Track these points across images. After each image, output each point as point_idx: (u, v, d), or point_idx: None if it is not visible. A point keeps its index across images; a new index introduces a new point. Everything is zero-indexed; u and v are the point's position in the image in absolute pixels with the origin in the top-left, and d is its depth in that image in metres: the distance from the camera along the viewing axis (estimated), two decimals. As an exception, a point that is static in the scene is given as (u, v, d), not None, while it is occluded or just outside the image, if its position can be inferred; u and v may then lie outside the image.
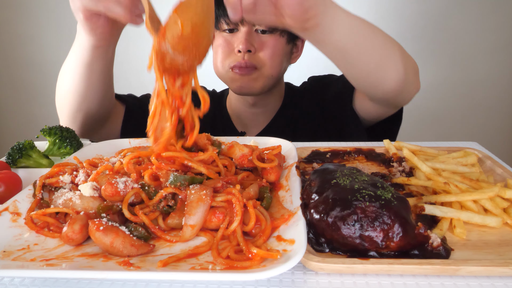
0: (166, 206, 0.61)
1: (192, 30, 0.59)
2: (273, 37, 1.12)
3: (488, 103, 2.52)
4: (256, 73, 1.13)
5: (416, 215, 0.63)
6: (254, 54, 1.12)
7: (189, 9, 0.58)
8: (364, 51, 0.84)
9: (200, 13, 0.60)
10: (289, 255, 0.49)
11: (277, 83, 1.22)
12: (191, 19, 0.59)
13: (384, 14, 2.36)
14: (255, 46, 1.11)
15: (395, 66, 0.87)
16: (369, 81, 0.92)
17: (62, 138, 0.90)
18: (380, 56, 0.86)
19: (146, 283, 0.52)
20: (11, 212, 0.62)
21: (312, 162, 0.86)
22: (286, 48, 1.17)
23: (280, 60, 1.16)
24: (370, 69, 0.88)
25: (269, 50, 1.12)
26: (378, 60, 0.86)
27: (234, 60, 1.12)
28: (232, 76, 1.14)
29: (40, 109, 2.82)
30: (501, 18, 2.32)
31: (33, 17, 2.58)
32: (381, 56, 0.86)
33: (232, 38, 1.13)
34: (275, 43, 1.13)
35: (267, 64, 1.13)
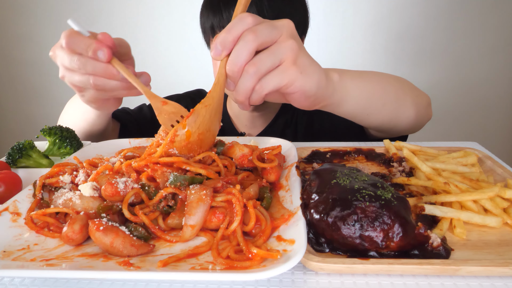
0: (166, 206, 0.61)
1: (198, 137, 0.65)
2: None
3: (488, 103, 2.52)
4: None
5: (416, 215, 0.63)
6: None
7: (198, 119, 0.64)
8: (374, 112, 0.87)
9: (208, 121, 0.65)
10: (289, 255, 0.49)
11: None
12: (198, 128, 0.65)
13: (384, 14, 2.36)
14: None
15: (407, 112, 0.92)
16: (381, 129, 0.97)
17: (62, 138, 0.90)
18: (391, 111, 0.90)
19: (146, 283, 0.52)
20: (11, 212, 0.62)
21: (312, 162, 0.86)
22: None
23: None
24: (382, 122, 0.92)
25: None
26: (390, 114, 0.90)
27: None
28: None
29: (40, 109, 2.82)
30: (501, 18, 2.32)
31: (33, 17, 2.58)
32: (392, 110, 0.90)
33: None
34: None
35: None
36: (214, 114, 0.66)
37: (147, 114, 1.30)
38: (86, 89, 0.77)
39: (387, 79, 0.90)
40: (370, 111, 0.86)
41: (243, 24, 0.60)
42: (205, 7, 1.09)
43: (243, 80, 0.61)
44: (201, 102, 0.64)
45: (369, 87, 0.84)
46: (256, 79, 0.61)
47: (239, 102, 0.63)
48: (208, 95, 0.64)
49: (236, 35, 0.60)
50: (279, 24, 0.62)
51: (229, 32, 0.60)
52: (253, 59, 0.60)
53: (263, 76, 0.61)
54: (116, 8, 2.49)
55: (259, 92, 0.62)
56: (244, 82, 0.61)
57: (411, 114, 0.92)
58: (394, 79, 0.92)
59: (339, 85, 0.76)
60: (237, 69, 0.60)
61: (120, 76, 0.73)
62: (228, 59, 0.61)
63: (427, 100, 0.99)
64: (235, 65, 0.60)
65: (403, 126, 0.95)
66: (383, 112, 0.88)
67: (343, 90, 0.77)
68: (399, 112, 0.91)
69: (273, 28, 0.61)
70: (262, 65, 0.60)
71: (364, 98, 0.83)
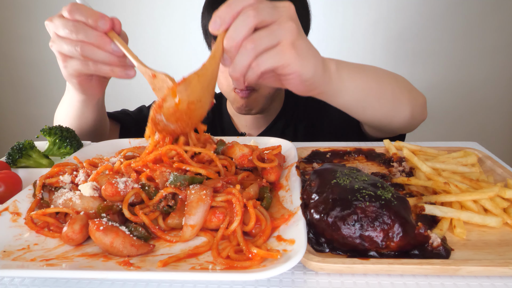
0: (166, 206, 0.61)
1: (187, 106, 0.63)
2: None
3: (488, 103, 2.52)
4: (254, 94, 1.14)
5: (416, 215, 0.63)
6: None
7: (188, 88, 0.62)
8: (370, 106, 0.87)
9: (199, 91, 0.63)
10: (289, 255, 0.49)
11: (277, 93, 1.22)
12: (188, 97, 0.62)
13: (384, 14, 2.36)
14: None
15: (403, 109, 0.92)
16: (376, 124, 0.96)
17: (62, 138, 0.90)
18: (387, 106, 0.89)
19: (146, 283, 0.52)
20: (11, 212, 0.62)
21: (312, 162, 0.86)
22: None
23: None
24: (377, 117, 0.91)
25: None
26: (385, 110, 0.90)
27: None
28: (234, 96, 1.16)
29: (40, 109, 2.82)
30: (501, 18, 2.32)
31: (33, 17, 2.58)
32: (388, 106, 0.89)
33: None
34: None
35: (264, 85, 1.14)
36: (207, 86, 0.64)
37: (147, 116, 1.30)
38: (70, 59, 0.75)
39: (384, 74, 0.90)
40: (366, 105, 0.86)
41: (245, 0, 0.59)
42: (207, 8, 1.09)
43: (240, 56, 0.60)
44: (194, 72, 0.62)
45: (366, 80, 0.83)
46: (253, 55, 0.60)
47: (235, 78, 0.63)
48: (202, 66, 0.63)
49: (236, 10, 0.59)
50: (281, 5, 0.62)
51: (229, 7, 0.59)
52: (251, 36, 0.59)
53: (260, 54, 0.61)
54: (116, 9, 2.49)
55: (255, 70, 0.62)
56: (241, 58, 0.60)
57: (407, 112, 0.92)
58: (392, 76, 0.92)
59: (336, 75, 0.75)
60: (235, 44, 0.60)
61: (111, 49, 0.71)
62: (227, 33, 0.60)
63: (423, 100, 0.99)
64: (233, 39, 0.59)
65: (398, 124, 0.94)
66: (379, 108, 0.88)
67: (340, 80, 0.77)
68: (394, 108, 0.90)
69: (274, 8, 0.61)
70: (261, 43, 0.60)
71: (361, 91, 0.82)
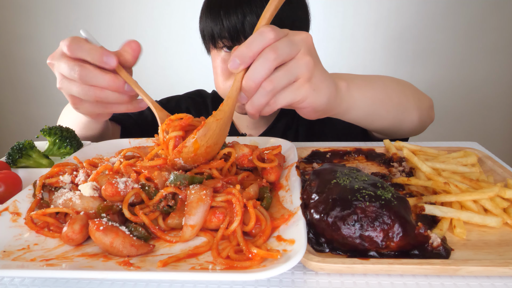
0: (166, 206, 0.61)
1: (205, 150, 0.65)
2: None
3: (488, 103, 2.52)
4: None
5: (416, 215, 0.63)
6: None
7: (208, 133, 0.64)
8: (378, 118, 0.88)
9: (217, 135, 0.65)
10: (289, 255, 0.49)
11: None
12: (207, 141, 0.64)
13: (384, 14, 2.36)
14: None
15: (411, 117, 0.93)
16: (384, 133, 0.98)
17: (62, 138, 0.90)
18: (395, 116, 0.91)
19: (146, 283, 0.52)
20: (11, 212, 0.62)
21: (312, 162, 0.86)
22: None
23: None
24: (386, 127, 0.93)
25: None
26: (393, 120, 0.91)
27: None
28: None
29: (40, 109, 2.82)
30: (501, 18, 2.32)
31: (32, 17, 2.58)
32: (396, 115, 0.91)
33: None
34: None
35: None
36: (224, 128, 0.66)
37: (148, 117, 1.30)
38: (83, 101, 0.71)
39: (391, 84, 0.91)
40: (374, 118, 0.88)
41: (264, 40, 0.59)
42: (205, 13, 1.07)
43: (258, 96, 0.61)
44: (213, 115, 0.64)
45: (375, 94, 0.85)
46: (271, 96, 0.62)
47: (250, 114, 0.64)
48: (220, 109, 0.64)
49: (256, 51, 0.60)
50: (298, 39, 0.63)
51: (249, 47, 0.60)
52: (270, 77, 0.60)
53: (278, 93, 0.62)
54: (115, 9, 2.49)
55: (272, 107, 0.63)
56: (259, 98, 0.61)
57: (414, 118, 0.94)
58: (398, 85, 0.93)
59: (346, 95, 0.76)
60: (254, 85, 0.60)
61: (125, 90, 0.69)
62: (246, 74, 0.61)
63: (429, 103, 1.00)
64: (252, 81, 0.60)
65: (407, 129, 0.96)
66: (387, 118, 0.90)
67: (350, 99, 0.78)
68: (402, 117, 0.92)
69: (293, 45, 0.61)
70: (279, 83, 0.61)
71: (370, 105, 0.84)
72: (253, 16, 0.97)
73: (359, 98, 0.80)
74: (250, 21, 0.97)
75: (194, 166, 0.67)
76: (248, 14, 0.97)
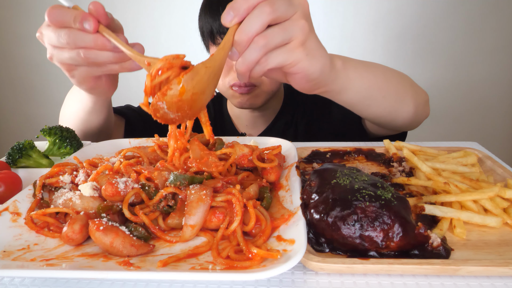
0: (166, 206, 0.61)
1: (191, 96, 0.61)
2: None
3: (488, 103, 2.52)
4: (256, 90, 1.14)
5: (416, 215, 0.63)
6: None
7: (195, 78, 0.60)
8: (375, 103, 0.87)
9: (205, 82, 0.61)
10: (289, 255, 0.49)
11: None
12: (193, 87, 0.60)
13: (384, 14, 2.36)
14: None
15: (407, 107, 0.92)
16: (380, 121, 0.96)
17: (62, 138, 0.90)
18: (391, 104, 0.89)
19: (146, 283, 0.52)
20: (11, 212, 0.62)
21: (312, 162, 0.86)
22: None
23: None
24: (382, 114, 0.91)
25: None
26: (389, 107, 0.89)
27: (233, 78, 1.11)
28: (232, 93, 1.15)
29: (40, 109, 2.82)
30: (501, 18, 2.32)
31: (33, 17, 2.58)
32: (392, 103, 0.89)
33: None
34: None
35: (266, 81, 1.13)
36: (212, 77, 0.63)
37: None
38: (76, 67, 0.73)
39: (389, 72, 0.90)
40: (370, 102, 0.86)
41: None
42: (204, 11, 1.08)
43: (250, 51, 0.60)
44: (203, 62, 0.61)
45: (371, 78, 0.83)
46: (263, 52, 0.60)
47: (241, 72, 0.62)
48: (210, 57, 0.61)
49: (251, 4, 0.58)
50: (296, 1, 0.62)
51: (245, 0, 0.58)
52: (264, 32, 0.59)
53: (270, 51, 0.60)
54: (116, 9, 2.49)
55: (262, 66, 0.61)
56: (251, 53, 0.60)
57: (410, 110, 0.92)
58: (396, 73, 0.92)
59: (342, 73, 0.75)
60: (247, 39, 0.59)
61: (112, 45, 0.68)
62: (240, 27, 0.59)
63: (425, 98, 0.99)
64: (245, 34, 0.59)
65: (401, 121, 0.94)
66: (383, 105, 0.88)
67: (345, 78, 0.76)
68: (398, 106, 0.90)
69: (290, 5, 0.60)
70: (272, 40, 0.59)
71: (365, 88, 0.82)
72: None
73: (355, 78, 0.79)
74: None
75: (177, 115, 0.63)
76: None
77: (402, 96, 0.90)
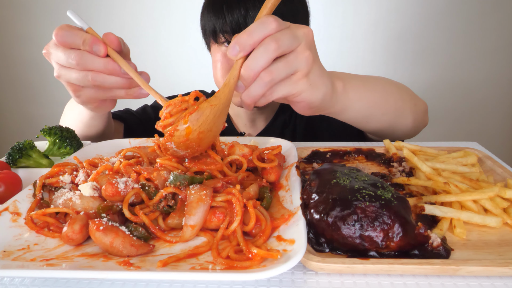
0: (166, 206, 0.61)
1: (198, 135, 0.63)
2: None
3: (488, 103, 2.52)
4: None
5: (416, 215, 0.63)
6: None
7: (200, 118, 0.62)
8: (374, 119, 0.88)
9: (210, 122, 0.63)
10: (289, 255, 0.49)
11: None
12: (199, 127, 0.62)
13: (384, 14, 2.36)
14: None
15: (405, 120, 0.93)
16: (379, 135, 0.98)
17: (62, 138, 0.90)
18: (390, 119, 0.91)
19: (146, 283, 0.52)
20: (11, 212, 0.62)
21: (312, 162, 0.86)
22: None
23: None
24: (380, 129, 0.93)
25: None
26: (388, 122, 0.91)
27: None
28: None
29: (40, 109, 2.82)
30: (501, 18, 2.32)
31: (33, 17, 2.58)
32: (391, 119, 0.91)
33: None
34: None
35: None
36: (219, 115, 0.64)
37: (150, 114, 1.29)
38: (83, 88, 0.74)
39: (388, 86, 0.91)
40: (369, 119, 0.88)
41: (265, 29, 0.59)
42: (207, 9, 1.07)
43: (256, 86, 0.61)
44: (207, 100, 0.63)
45: (371, 97, 0.84)
46: (269, 87, 0.61)
47: (246, 104, 0.64)
48: (215, 95, 0.63)
49: (257, 40, 0.59)
50: (300, 32, 0.62)
51: (250, 35, 0.59)
52: (269, 67, 0.60)
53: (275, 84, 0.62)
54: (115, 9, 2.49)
55: (267, 98, 0.63)
56: (257, 88, 0.61)
57: (409, 122, 0.94)
58: (395, 88, 0.93)
59: (342, 95, 0.76)
60: (253, 74, 0.60)
61: (121, 71, 0.70)
62: (245, 63, 0.60)
63: (424, 108, 1.01)
64: (251, 70, 0.59)
65: (400, 132, 0.97)
66: (382, 120, 0.90)
67: (346, 99, 0.78)
68: (397, 120, 0.92)
69: (294, 37, 0.61)
70: (278, 75, 0.61)
71: (365, 108, 0.84)
72: (255, 11, 0.97)
73: (355, 99, 0.80)
74: (253, 16, 0.97)
75: (187, 152, 0.65)
76: (251, 9, 0.97)
77: (401, 111, 0.91)
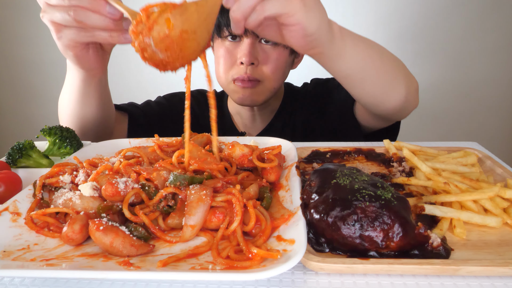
0: (166, 206, 0.61)
1: (180, 35, 0.58)
2: (277, 50, 1.10)
3: (488, 103, 2.52)
4: (259, 86, 1.13)
5: (416, 215, 0.63)
6: (257, 67, 1.10)
7: (184, 14, 0.58)
8: (369, 78, 0.86)
9: (195, 22, 0.59)
10: (289, 255, 0.49)
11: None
12: (182, 24, 0.58)
13: (384, 14, 2.36)
14: (259, 59, 1.09)
15: (399, 89, 0.90)
16: (372, 101, 0.94)
17: (62, 138, 0.90)
18: (384, 82, 0.88)
19: (146, 283, 0.52)
20: (11, 212, 0.62)
21: (312, 162, 0.86)
22: (289, 59, 1.17)
23: (283, 72, 1.16)
24: (374, 93, 0.90)
25: (272, 64, 1.10)
26: (382, 85, 0.88)
27: (236, 72, 1.10)
28: (234, 88, 1.14)
29: (40, 109, 2.82)
30: (501, 18, 2.32)
31: (33, 17, 2.58)
32: (385, 81, 0.88)
33: (234, 49, 1.11)
34: (279, 56, 1.11)
35: (270, 78, 1.12)
36: (204, 18, 0.60)
37: (154, 108, 1.29)
38: (64, 28, 0.71)
39: (384, 50, 0.89)
40: (364, 76, 0.85)
41: None
42: None
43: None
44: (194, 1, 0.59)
45: (368, 50, 0.82)
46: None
47: (236, 19, 0.61)
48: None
49: None
50: None
51: None
52: None
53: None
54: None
55: (259, 13, 0.60)
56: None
57: (402, 92, 0.91)
58: (390, 54, 0.91)
59: (338, 38, 0.74)
60: None
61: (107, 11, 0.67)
62: None
63: (416, 85, 0.98)
64: None
65: (392, 104, 0.93)
66: (377, 81, 0.87)
67: (342, 44, 0.75)
68: (391, 86, 0.89)
69: None
70: None
71: (361, 59, 0.81)
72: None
73: (351, 46, 0.78)
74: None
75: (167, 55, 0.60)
76: None
77: (395, 76, 0.89)
